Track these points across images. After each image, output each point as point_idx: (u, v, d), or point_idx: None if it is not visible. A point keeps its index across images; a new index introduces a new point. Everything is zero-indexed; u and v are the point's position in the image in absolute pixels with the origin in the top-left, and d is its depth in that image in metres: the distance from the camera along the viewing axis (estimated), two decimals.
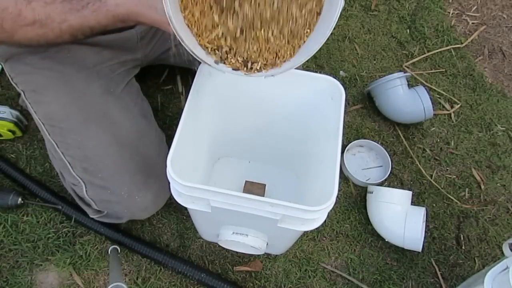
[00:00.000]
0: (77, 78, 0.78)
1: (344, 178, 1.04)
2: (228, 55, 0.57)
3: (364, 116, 1.16)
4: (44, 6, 0.61)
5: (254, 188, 0.90)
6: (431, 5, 1.42)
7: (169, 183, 0.61)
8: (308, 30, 0.58)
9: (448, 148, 1.13)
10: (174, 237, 0.92)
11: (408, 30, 1.35)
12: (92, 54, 0.80)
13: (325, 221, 0.62)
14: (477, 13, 1.44)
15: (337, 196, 0.57)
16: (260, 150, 0.94)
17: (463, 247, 0.98)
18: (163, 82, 1.14)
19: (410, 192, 0.92)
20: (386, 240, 0.94)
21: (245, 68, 0.58)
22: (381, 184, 1.02)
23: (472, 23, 1.41)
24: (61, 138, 0.77)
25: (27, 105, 0.80)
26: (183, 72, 1.09)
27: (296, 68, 0.60)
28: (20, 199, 0.88)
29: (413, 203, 0.96)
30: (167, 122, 1.07)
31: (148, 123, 0.85)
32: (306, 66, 1.19)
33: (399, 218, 0.90)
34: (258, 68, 0.58)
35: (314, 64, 1.24)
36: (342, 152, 1.04)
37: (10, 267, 0.86)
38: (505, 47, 1.37)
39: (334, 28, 0.54)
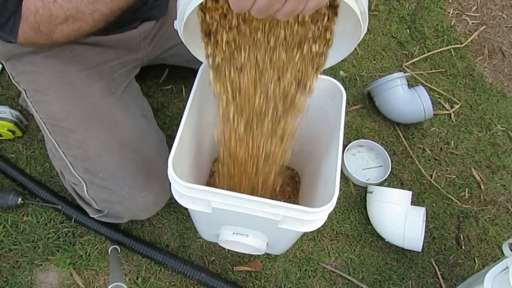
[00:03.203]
0: (78, 78, 0.78)
1: (344, 178, 1.04)
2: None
3: (364, 116, 1.16)
4: (69, 0, 0.61)
5: None
6: (431, 5, 1.42)
7: (170, 183, 0.61)
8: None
9: (448, 148, 1.13)
10: (174, 237, 0.92)
11: (408, 30, 1.35)
12: (95, 54, 0.80)
13: (325, 221, 0.62)
14: (477, 13, 1.44)
15: (337, 197, 0.57)
16: None
17: (463, 247, 0.98)
18: (163, 82, 1.14)
19: (410, 192, 0.92)
20: (386, 240, 0.94)
21: None
22: (381, 184, 1.02)
23: (472, 23, 1.41)
24: (62, 137, 0.77)
25: (28, 104, 0.80)
26: (183, 72, 1.09)
27: None
28: (20, 199, 0.88)
29: (413, 203, 0.96)
30: (167, 122, 1.07)
31: (149, 124, 0.85)
32: None
33: (399, 218, 0.90)
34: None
35: None
36: (342, 152, 1.04)
37: (10, 267, 0.86)
38: (505, 47, 1.37)
39: None
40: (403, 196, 0.92)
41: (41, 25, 0.63)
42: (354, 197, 1.02)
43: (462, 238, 0.99)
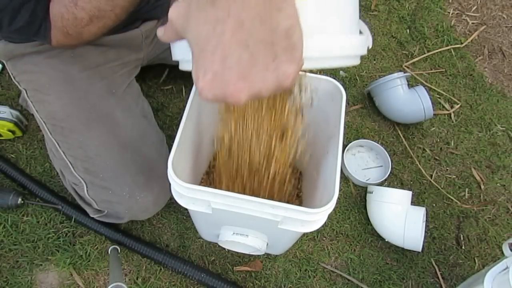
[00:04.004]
0: (79, 78, 0.78)
1: (344, 178, 1.04)
2: None
3: (364, 116, 1.16)
4: (89, 1, 0.62)
5: None
6: (431, 5, 1.42)
7: (169, 184, 0.61)
8: None
9: (448, 148, 1.13)
10: (174, 237, 0.92)
11: (408, 30, 1.35)
12: (97, 54, 0.80)
13: (325, 221, 0.62)
14: (477, 13, 1.44)
15: (337, 197, 0.57)
16: None
17: (463, 247, 0.98)
18: (163, 82, 1.14)
19: (410, 192, 0.92)
20: (386, 240, 0.94)
21: None
22: (381, 184, 1.02)
23: (472, 23, 1.41)
24: (63, 137, 0.77)
25: (28, 104, 0.80)
26: (183, 72, 1.09)
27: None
28: (20, 199, 0.88)
29: (413, 203, 0.96)
30: (167, 122, 1.07)
31: (149, 124, 0.85)
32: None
33: (399, 218, 0.90)
34: None
35: None
36: (342, 152, 1.04)
37: (10, 267, 0.86)
38: (505, 47, 1.37)
39: None
40: (403, 196, 0.92)
41: (69, 29, 0.65)
42: (354, 197, 1.02)
43: (462, 238, 0.99)
